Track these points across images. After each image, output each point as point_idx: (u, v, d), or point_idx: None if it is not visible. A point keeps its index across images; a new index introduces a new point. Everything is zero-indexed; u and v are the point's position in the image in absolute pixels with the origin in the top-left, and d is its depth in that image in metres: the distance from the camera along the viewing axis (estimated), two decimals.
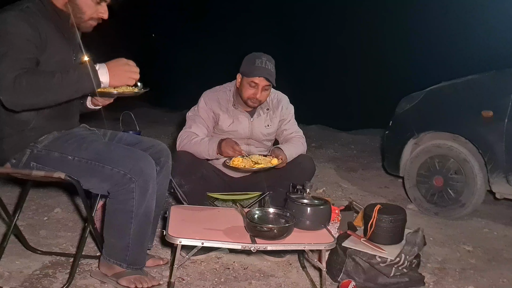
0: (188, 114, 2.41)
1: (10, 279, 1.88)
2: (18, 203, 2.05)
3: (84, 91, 1.63)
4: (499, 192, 2.81)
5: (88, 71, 1.60)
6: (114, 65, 1.64)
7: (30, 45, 1.59)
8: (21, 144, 1.75)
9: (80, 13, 1.74)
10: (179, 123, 2.43)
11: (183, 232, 1.69)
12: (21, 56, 1.56)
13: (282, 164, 2.22)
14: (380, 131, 5.40)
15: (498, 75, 2.86)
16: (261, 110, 2.42)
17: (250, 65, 2.28)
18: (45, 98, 1.57)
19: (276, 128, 2.48)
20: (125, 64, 1.66)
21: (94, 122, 2.10)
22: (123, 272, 1.82)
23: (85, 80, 1.59)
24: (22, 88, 1.50)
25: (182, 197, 2.23)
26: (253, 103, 2.31)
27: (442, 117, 3.07)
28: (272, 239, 1.69)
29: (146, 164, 1.78)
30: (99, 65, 1.63)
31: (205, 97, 2.40)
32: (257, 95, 2.28)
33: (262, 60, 2.27)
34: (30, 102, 1.56)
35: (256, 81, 2.26)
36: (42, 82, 1.53)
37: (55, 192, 3.05)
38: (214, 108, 2.36)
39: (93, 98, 1.92)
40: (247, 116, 2.40)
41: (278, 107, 2.47)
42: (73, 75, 1.58)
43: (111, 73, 1.63)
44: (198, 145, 2.26)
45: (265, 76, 2.25)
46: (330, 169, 4.32)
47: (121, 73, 1.65)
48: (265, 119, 2.43)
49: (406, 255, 1.96)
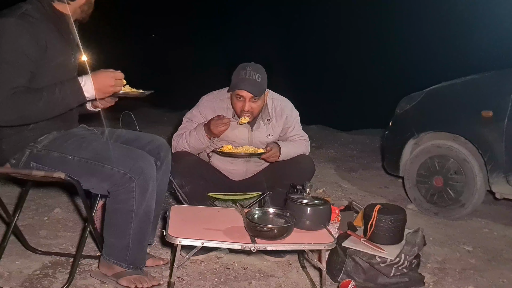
0: (185, 116, 2.41)
1: (10, 279, 1.89)
2: (18, 203, 2.05)
3: (73, 106, 1.69)
4: (499, 192, 2.81)
5: (73, 89, 1.62)
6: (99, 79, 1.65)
7: (25, 60, 1.60)
8: (21, 144, 1.75)
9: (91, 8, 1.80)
10: (179, 123, 2.43)
11: (183, 232, 1.68)
12: (15, 74, 1.57)
13: (270, 156, 2.23)
14: (380, 131, 5.40)
15: (498, 75, 2.86)
16: (262, 121, 2.38)
17: (235, 78, 2.23)
18: (32, 119, 1.65)
19: (279, 135, 2.44)
20: (112, 78, 1.67)
21: (93, 122, 2.10)
22: (123, 272, 1.82)
23: (70, 98, 1.63)
24: (8, 110, 1.56)
25: (183, 197, 2.24)
26: (246, 115, 2.25)
27: (442, 117, 3.07)
28: (272, 239, 1.69)
29: (146, 163, 1.78)
30: (85, 79, 1.64)
31: (200, 107, 2.37)
32: (245, 108, 2.22)
33: (247, 71, 2.21)
34: (17, 122, 1.63)
35: (241, 94, 2.21)
36: (29, 106, 1.58)
37: (55, 192, 3.05)
38: (208, 118, 2.30)
39: (93, 101, 1.92)
40: (247, 127, 2.36)
41: (282, 117, 2.41)
42: (58, 95, 1.61)
43: (96, 87, 1.65)
44: (189, 138, 2.27)
45: (246, 89, 2.18)
46: (330, 169, 4.32)
47: (106, 87, 1.67)
48: (266, 129, 2.39)
49: (406, 255, 1.96)
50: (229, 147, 2.22)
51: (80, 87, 1.63)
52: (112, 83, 1.67)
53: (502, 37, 7.65)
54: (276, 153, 2.25)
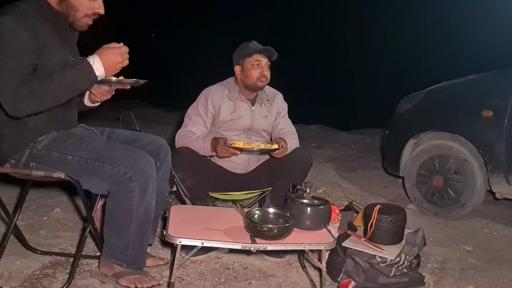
0: (187, 112, 2.44)
1: (10, 279, 1.88)
2: (18, 203, 2.05)
3: (83, 89, 1.66)
4: (499, 192, 2.81)
5: (83, 70, 1.61)
6: (107, 56, 1.64)
7: (27, 51, 1.59)
8: (20, 144, 1.75)
9: (73, 10, 1.74)
10: (179, 123, 2.44)
11: (183, 232, 1.68)
12: (19, 64, 1.56)
13: (281, 152, 2.26)
14: (380, 131, 5.40)
15: (498, 75, 2.86)
16: (262, 101, 2.48)
17: (246, 50, 2.37)
18: (46, 104, 1.61)
19: (273, 120, 2.53)
20: (118, 54, 1.66)
21: (93, 122, 2.10)
22: (123, 272, 1.82)
23: (82, 79, 1.61)
24: (22, 97, 1.53)
25: (184, 192, 2.24)
26: (263, 82, 2.38)
27: (442, 117, 3.07)
28: (272, 239, 1.69)
29: (146, 163, 1.78)
30: (93, 58, 1.63)
31: (205, 92, 2.45)
32: (264, 72, 2.35)
33: (254, 43, 2.40)
34: (32, 109, 1.60)
35: (259, 58, 2.35)
36: (41, 89, 1.55)
37: (55, 192, 3.05)
38: (214, 100, 2.39)
39: (90, 94, 1.91)
40: (248, 104, 2.44)
41: (275, 99, 2.54)
42: (69, 77, 1.59)
43: (106, 66, 1.64)
44: (194, 143, 2.31)
45: (264, 53, 2.34)
46: (330, 169, 4.32)
47: (115, 65, 1.66)
48: (264, 110, 2.48)
49: (406, 255, 1.96)
50: (241, 143, 2.24)
51: (90, 66, 1.61)
52: (120, 59, 1.67)
53: (502, 37, 7.66)
54: (286, 148, 2.30)
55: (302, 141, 2.58)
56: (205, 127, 2.39)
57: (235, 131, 2.42)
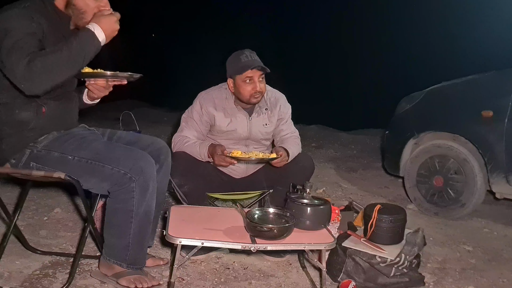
0: (182, 116, 2.41)
1: (10, 279, 1.88)
2: (18, 203, 2.05)
3: (90, 56, 1.64)
4: (499, 192, 2.81)
5: (88, 36, 1.62)
6: (106, 25, 1.65)
7: (34, 38, 1.61)
8: (21, 144, 1.75)
9: (81, 13, 1.75)
10: (179, 123, 2.43)
11: (183, 232, 1.68)
12: (27, 45, 1.57)
13: (281, 161, 2.22)
14: (380, 131, 5.41)
15: (498, 75, 2.86)
16: (260, 110, 2.40)
17: (236, 64, 2.27)
18: (61, 73, 1.58)
19: (275, 127, 2.46)
20: (116, 22, 1.68)
21: (93, 123, 2.10)
22: (123, 272, 1.82)
23: (88, 45, 1.62)
24: (37, 71, 1.52)
25: (182, 197, 2.23)
26: (257, 98, 2.29)
27: (442, 117, 3.07)
28: (272, 239, 1.69)
29: (146, 163, 1.78)
30: (93, 26, 1.64)
31: (200, 99, 2.38)
32: (257, 88, 2.26)
33: (246, 55, 2.27)
34: (48, 81, 1.57)
35: (249, 75, 2.24)
36: (54, 59, 1.55)
37: (55, 192, 3.05)
38: (209, 109, 2.33)
39: (89, 91, 1.92)
40: (245, 115, 2.37)
41: (276, 106, 2.44)
42: (76, 44, 1.59)
43: (106, 34, 1.65)
44: (191, 148, 2.29)
45: (256, 67, 2.23)
46: (330, 169, 4.32)
47: (114, 32, 1.68)
48: (263, 118, 2.41)
49: (406, 255, 1.96)
50: (238, 152, 2.20)
51: (92, 32, 1.63)
52: (118, 26, 1.69)
53: (502, 37, 7.66)
54: (285, 157, 2.24)
55: (302, 141, 2.56)
56: (201, 133, 2.36)
57: (232, 140, 2.38)
